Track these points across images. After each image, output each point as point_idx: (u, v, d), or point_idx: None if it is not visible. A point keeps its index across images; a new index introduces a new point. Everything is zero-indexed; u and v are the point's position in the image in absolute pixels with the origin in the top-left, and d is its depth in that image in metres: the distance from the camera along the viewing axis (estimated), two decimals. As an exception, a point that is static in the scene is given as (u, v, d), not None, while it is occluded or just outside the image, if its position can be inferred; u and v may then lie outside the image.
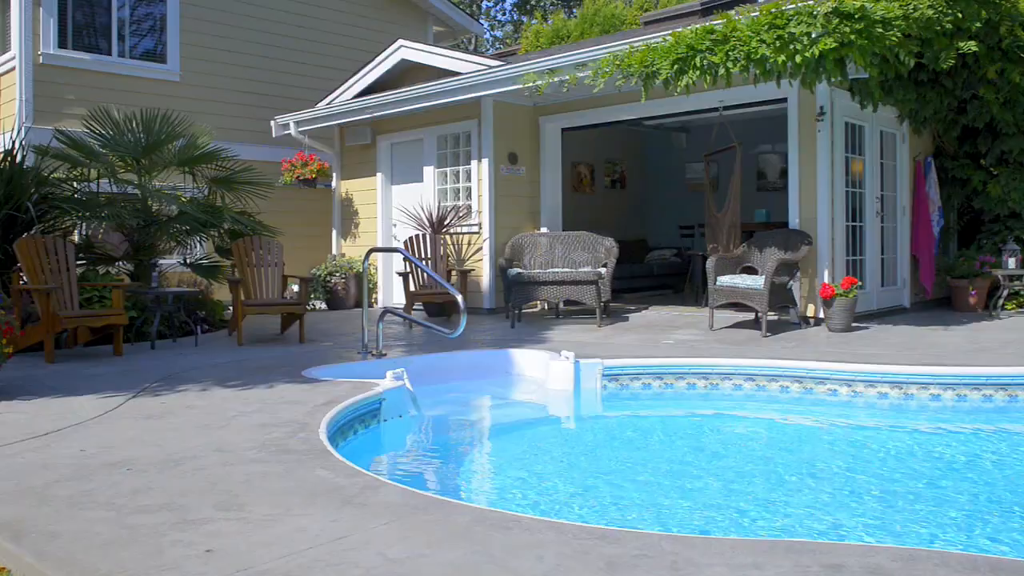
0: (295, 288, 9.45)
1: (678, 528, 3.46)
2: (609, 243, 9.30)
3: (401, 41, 11.22)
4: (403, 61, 11.14)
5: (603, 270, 8.86)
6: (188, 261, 9.79)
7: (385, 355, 6.72)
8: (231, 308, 8.50)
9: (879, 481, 4.29)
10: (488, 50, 30.03)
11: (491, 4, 32.83)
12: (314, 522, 2.88)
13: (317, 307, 11.39)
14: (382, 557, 2.54)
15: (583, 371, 6.20)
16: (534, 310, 10.14)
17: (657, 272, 12.78)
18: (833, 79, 7.27)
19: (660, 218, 14.34)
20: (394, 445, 5.18)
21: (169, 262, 9.97)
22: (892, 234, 9.43)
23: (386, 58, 11.32)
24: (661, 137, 13.86)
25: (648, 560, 2.39)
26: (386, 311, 7.04)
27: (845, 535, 3.39)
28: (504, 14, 33.18)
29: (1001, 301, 8.92)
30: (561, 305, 9.77)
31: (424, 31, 15.80)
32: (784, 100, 8.44)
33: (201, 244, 10.33)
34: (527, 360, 6.79)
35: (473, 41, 29.96)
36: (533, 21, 23.26)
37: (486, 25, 33.32)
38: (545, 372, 6.43)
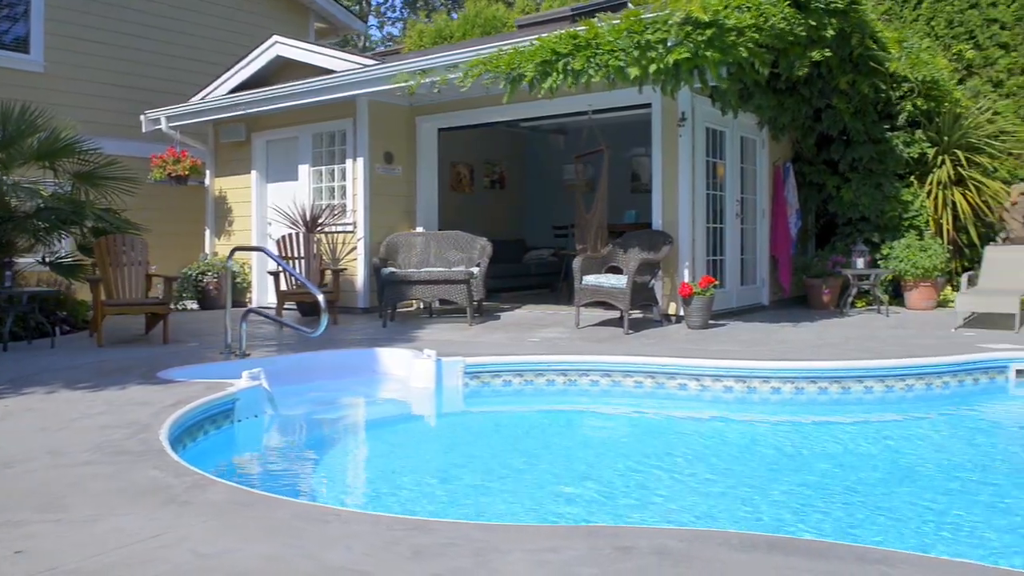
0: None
1: (514, 518, 3.57)
2: (483, 243, 9.41)
3: (276, 37, 11.04)
4: (279, 58, 10.97)
5: (475, 269, 8.96)
6: (47, 259, 9.35)
7: (248, 355, 6.62)
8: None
9: (713, 469, 4.53)
10: (379, 48, 29.80)
11: (381, 1, 32.59)
12: (134, 521, 2.85)
13: (188, 307, 11.08)
14: (193, 553, 2.54)
15: (445, 369, 6.27)
16: (409, 309, 10.16)
17: (535, 272, 13.00)
18: (690, 87, 7.60)
19: (538, 218, 14.59)
20: (246, 445, 5.12)
21: (27, 261, 9.50)
22: (752, 235, 9.90)
23: (261, 54, 11.12)
24: (539, 139, 14.10)
25: (454, 548, 2.47)
26: (249, 311, 6.94)
27: (683, 522, 3.55)
28: (394, 11, 33.00)
29: (850, 299, 9.49)
30: (436, 304, 9.83)
31: (305, 27, 15.57)
32: (649, 105, 8.74)
33: (62, 242, 9.88)
34: (392, 359, 6.81)
35: (362, 39, 29.68)
36: (426, 20, 23.24)
37: (375, 23, 33.06)
38: (408, 371, 6.48)
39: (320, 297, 6.19)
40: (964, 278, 8.61)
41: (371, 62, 10.03)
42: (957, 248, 10.17)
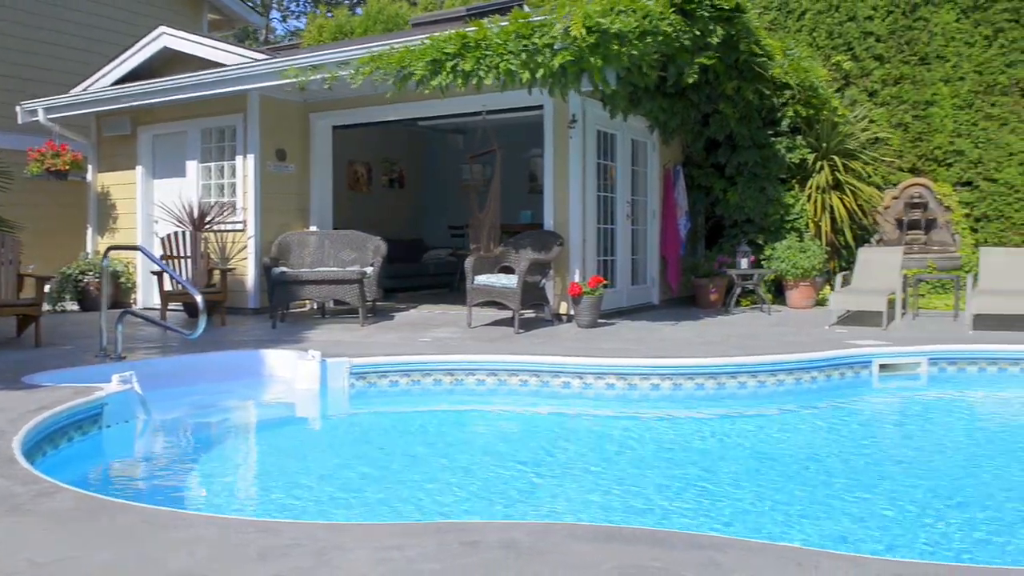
0: (45, 289, 8.76)
1: (379, 517, 3.57)
2: (377, 242, 9.35)
3: (163, 28, 10.70)
4: (166, 49, 10.63)
5: (369, 269, 8.90)
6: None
7: (125, 358, 6.39)
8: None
9: (591, 463, 4.63)
10: (284, 42, 29.20)
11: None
12: (-30, 533, 2.73)
13: (68, 308, 10.62)
14: (29, 562, 2.45)
15: (330, 370, 6.21)
16: (303, 310, 10.00)
17: (433, 271, 13.00)
18: (577, 90, 7.72)
19: (438, 218, 14.58)
20: (113, 452, 4.95)
21: None
22: (643, 236, 10.14)
23: (147, 44, 10.76)
24: (439, 138, 14.10)
25: (299, 548, 2.46)
26: (125, 312, 6.70)
27: (559, 516, 3.62)
28: (298, 4, 32.40)
29: (734, 298, 9.83)
30: (331, 304, 9.71)
31: (199, 18, 15.15)
32: (541, 107, 8.85)
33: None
34: (278, 360, 6.69)
35: (265, 32, 29.05)
36: (329, 14, 22.88)
37: (278, 16, 32.41)
38: (293, 372, 6.38)
39: (198, 298, 6.04)
40: (839, 278, 9.02)
41: (262, 56, 9.84)
42: (835, 249, 10.66)
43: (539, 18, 7.21)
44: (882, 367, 6.72)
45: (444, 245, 13.91)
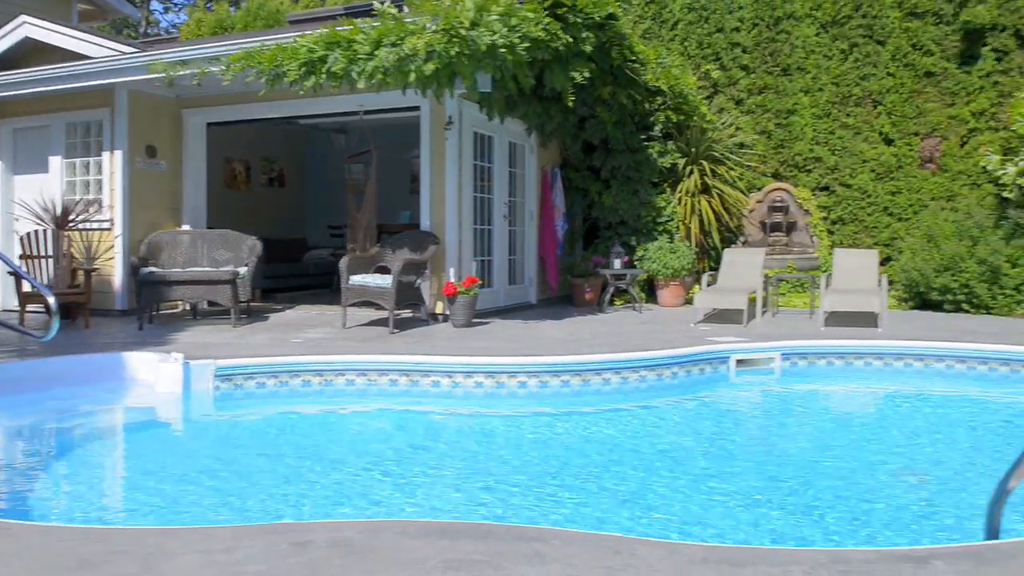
0: None
1: (228, 521, 3.56)
2: (252, 242, 9.19)
3: (24, 17, 10.19)
4: (28, 39, 10.12)
5: (243, 269, 8.75)
6: None
7: (-29, 363, 6.11)
8: None
9: (455, 461, 4.73)
10: (165, 35, 28.15)
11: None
12: None
13: (-83, 310, 10.01)
14: None
15: (194, 372, 6.09)
16: (174, 311, 9.74)
17: (314, 271, 12.86)
18: (451, 93, 7.81)
19: (320, 218, 14.42)
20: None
21: None
22: (521, 237, 10.33)
23: (7, 34, 10.22)
24: (322, 137, 13.94)
25: (124, 555, 2.45)
26: (-27, 314, 6.40)
27: (422, 515, 3.67)
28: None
29: (608, 298, 10.13)
30: (204, 306, 9.49)
31: (67, 8, 14.46)
32: (419, 108, 8.90)
33: None
34: (140, 363, 6.50)
35: (144, 25, 27.98)
36: (209, 7, 22.19)
37: (160, 8, 31.24)
38: (155, 375, 6.23)
39: (51, 299, 5.78)
40: (704, 278, 9.43)
41: (130, 49, 9.50)
42: (704, 250, 11.12)
43: (410, 19, 7.26)
44: (739, 362, 7.09)
45: (326, 245, 13.77)
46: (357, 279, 8.17)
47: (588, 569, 2.38)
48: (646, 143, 10.70)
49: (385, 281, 7.97)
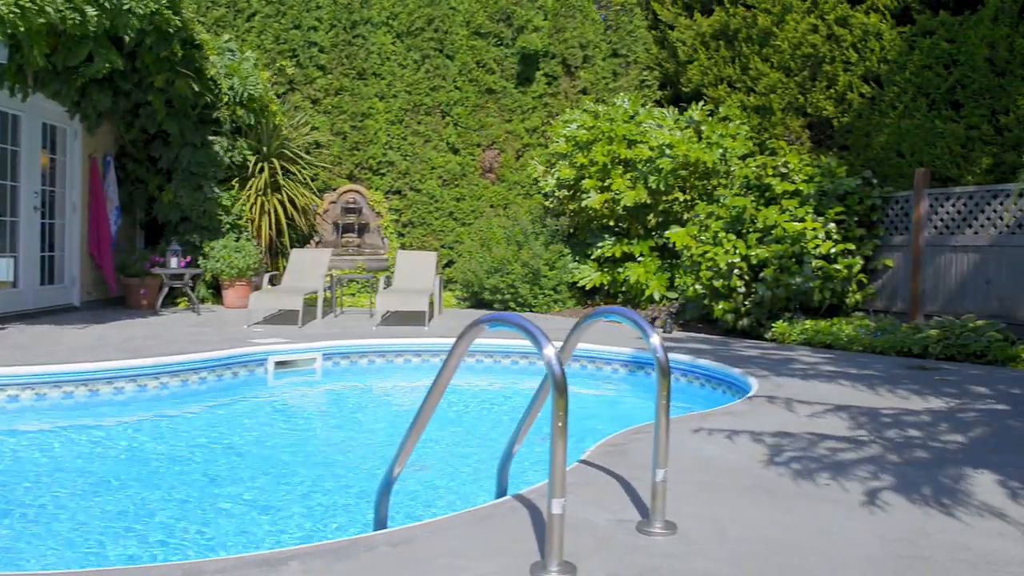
0: None
1: None
2: None
3: None
4: None
5: None
6: None
7: None
8: None
9: None
10: None
11: None
12: None
13: None
14: None
15: None
16: None
17: None
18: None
19: None
20: None
21: None
22: (61, 231, 9.23)
23: None
24: None
25: None
26: None
27: None
28: None
29: (162, 299, 9.45)
30: None
31: None
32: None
33: None
34: None
35: None
36: None
37: None
38: None
39: None
40: (266, 278, 9.20)
41: None
42: (278, 250, 10.89)
43: None
44: (278, 364, 6.95)
45: None
46: None
47: None
48: (212, 137, 10.16)
49: None
